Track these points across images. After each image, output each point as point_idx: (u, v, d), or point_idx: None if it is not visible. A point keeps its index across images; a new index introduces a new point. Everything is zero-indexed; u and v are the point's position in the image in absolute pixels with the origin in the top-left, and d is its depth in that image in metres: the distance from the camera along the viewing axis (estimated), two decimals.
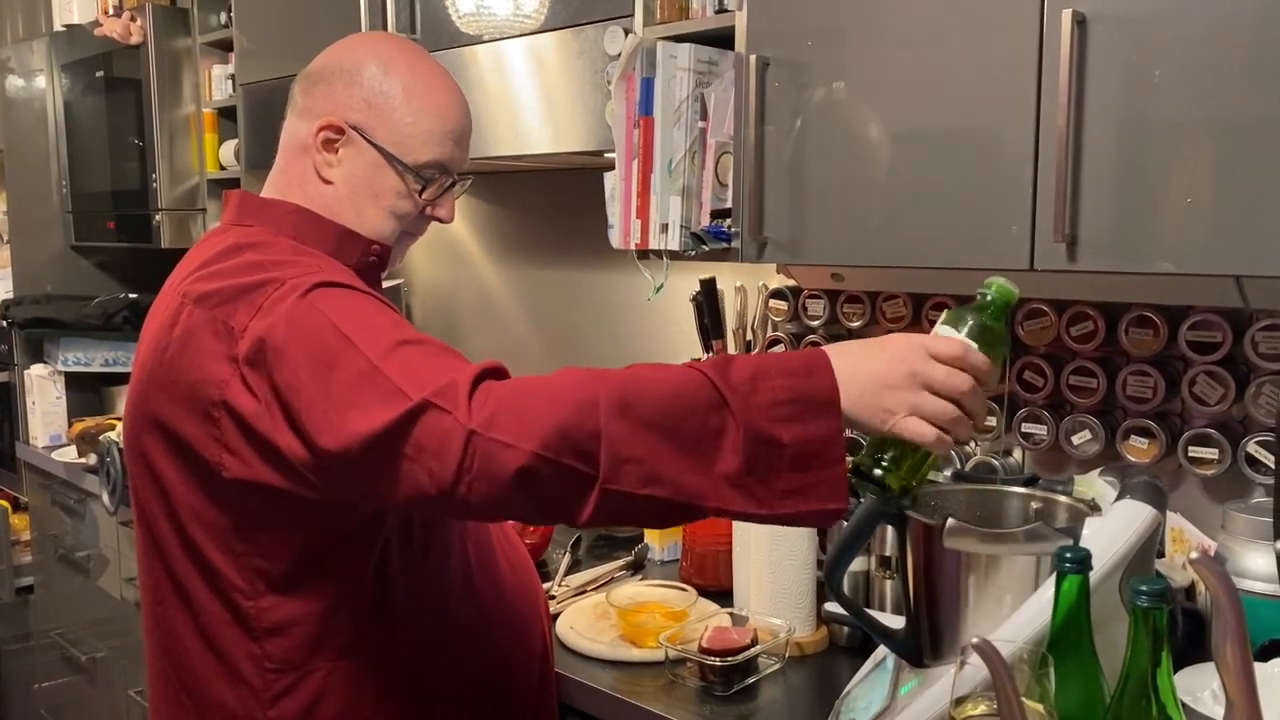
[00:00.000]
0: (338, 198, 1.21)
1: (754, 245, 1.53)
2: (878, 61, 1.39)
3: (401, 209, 1.23)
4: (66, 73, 3.19)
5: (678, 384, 0.91)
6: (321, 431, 0.98)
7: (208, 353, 1.07)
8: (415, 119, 1.21)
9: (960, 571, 1.11)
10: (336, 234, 1.21)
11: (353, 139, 1.20)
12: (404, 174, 1.21)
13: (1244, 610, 0.82)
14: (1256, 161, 1.11)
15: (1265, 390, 1.43)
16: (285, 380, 1.01)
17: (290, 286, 1.06)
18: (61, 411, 3.10)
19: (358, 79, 1.21)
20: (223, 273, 1.11)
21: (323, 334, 1.01)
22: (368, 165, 1.21)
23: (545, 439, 0.90)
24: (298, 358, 1.01)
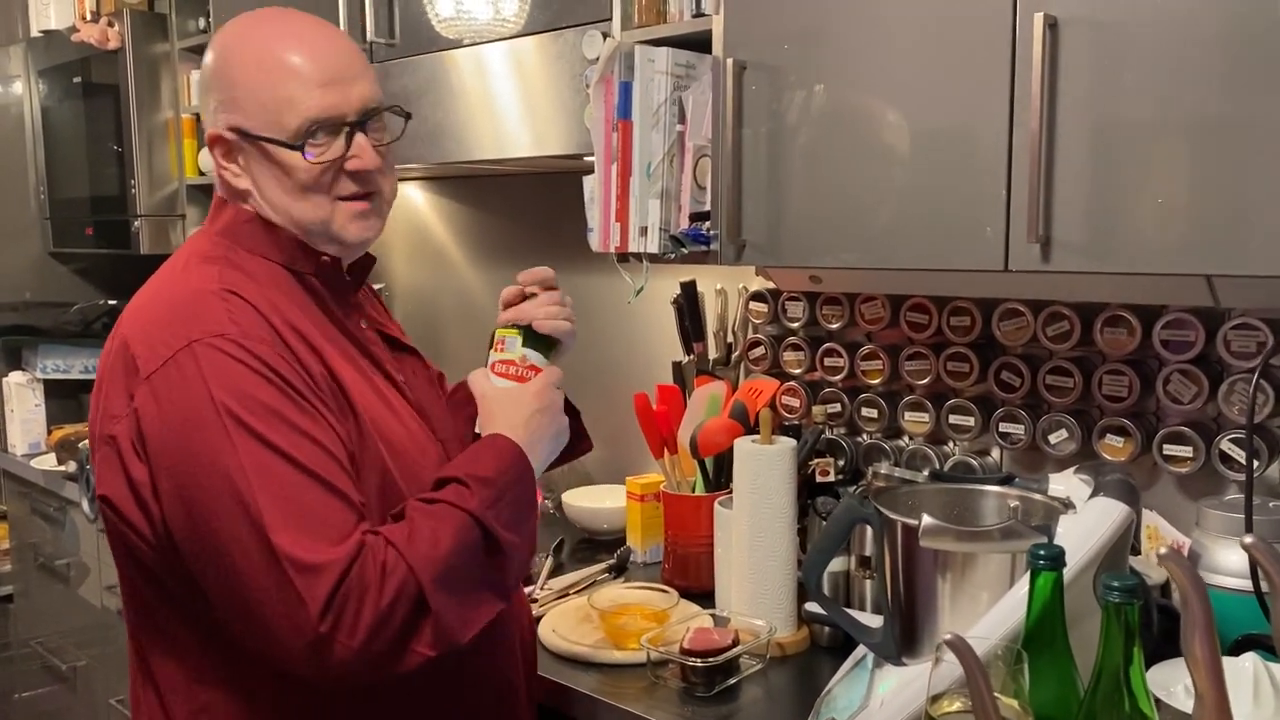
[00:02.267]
0: (264, 204, 1.19)
1: (732, 248, 1.54)
2: (853, 65, 1.40)
3: (307, 181, 1.16)
4: (44, 78, 3.17)
5: (458, 532, 1.08)
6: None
7: (115, 381, 1.09)
8: (273, 91, 1.14)
9: (937, 570, 1.12)
10: (289, 243, 1.19)
11: (238, 143, 1.17)
12: (289, 150, 1.14)
13: (1211, 605, 0.83)
14: (1226, 162, 1.13)
15: (1238, 389, 1.45)
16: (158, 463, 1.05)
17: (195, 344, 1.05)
18: (40, 419, 3.08)
19: (214, 82, 1.18)
20: (149, 308, 1.13)
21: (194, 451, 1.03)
22: (262, 159, 1.16)
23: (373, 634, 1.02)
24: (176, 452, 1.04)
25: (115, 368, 1.09)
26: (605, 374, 2.28)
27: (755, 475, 1.52)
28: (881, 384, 1.79)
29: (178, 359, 1.04)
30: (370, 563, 1.02)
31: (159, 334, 1.07)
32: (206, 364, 1.04)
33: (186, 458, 1.03)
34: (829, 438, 1.86)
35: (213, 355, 1.04)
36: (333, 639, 1.00)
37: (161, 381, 1.04)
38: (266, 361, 1.06)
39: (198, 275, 1.14)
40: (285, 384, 1.06)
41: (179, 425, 1.03)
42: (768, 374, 1.93)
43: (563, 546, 1.97)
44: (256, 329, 1.08)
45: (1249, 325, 1.43)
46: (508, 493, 1.13)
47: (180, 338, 1.05)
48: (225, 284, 1.12)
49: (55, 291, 3.22)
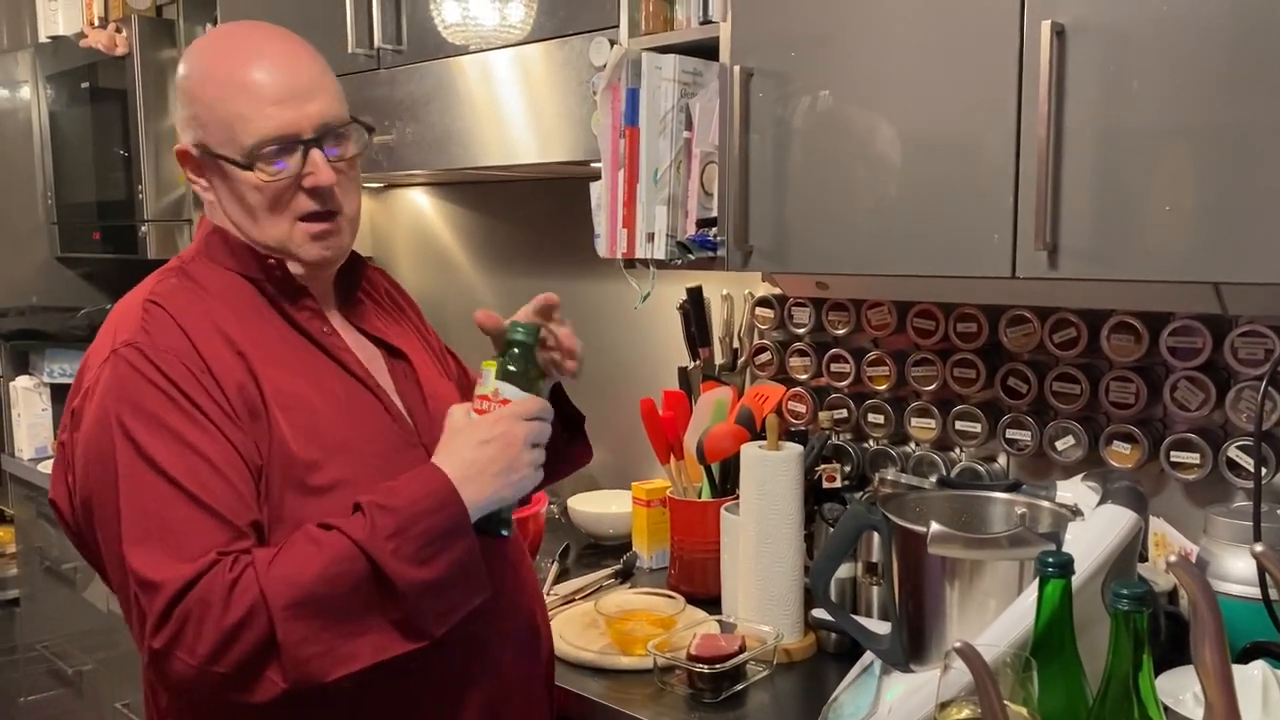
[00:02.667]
0: (230, 218, 1.19)
1: (739, 254, 1.54)
2: (860, 72, 1.40)
3: (261, 201, 1.15)
4: (52, 84, 3.19)
5: (332, 562, 1.02)
6: None
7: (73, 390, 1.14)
8: (226, 107, 1.13)
9: (944, 577, 1.12)
10: (244, 252, 1.19)
11: (203, 160, 1.17)
12: (244, 169, 1.14)
13: (1221, 612, 0.83)
14: (1233, 169, 1.13)
15: (1245, 395, 1.45)
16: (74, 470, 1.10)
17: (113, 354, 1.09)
18: (47, 423, 3.09)
19: (181, 97, 1.18)
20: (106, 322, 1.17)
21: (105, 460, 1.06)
22: (223, 175, 1.16)
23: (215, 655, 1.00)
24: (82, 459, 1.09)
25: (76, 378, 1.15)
26: (611, 379, 2.28)
27: (762, 481, 1.52)
28: (888, 390, 1.79)
29: (100, 370, 1.09)
30: (218, 581, 1.00)
31: (97, 345, 1.13)
32: (112, 373, 1.08)
33: (86, 466, 1.07)
34: (835, 444, 1.86)
35: (119, 365, 1.08)
36: (169, 654, 1.00)
37: (88, 392, 1.10)
38: (165, 371, 1.06)
39: (144, 285, 1.18)
40: (181, 394, 1.06)
41: (87, 434, 1.08)
42: (774, 380, 1.93)
43: (568, 552, 1.98)
44: (166, 339, 1.09)
45: (1257, 332, 1.43)
46: (416, 525, 1.04)
47: (106, 349, 1.10)
48: (153, 294, 1.14)
49: (62, 296, 3.23)
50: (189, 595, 1.00)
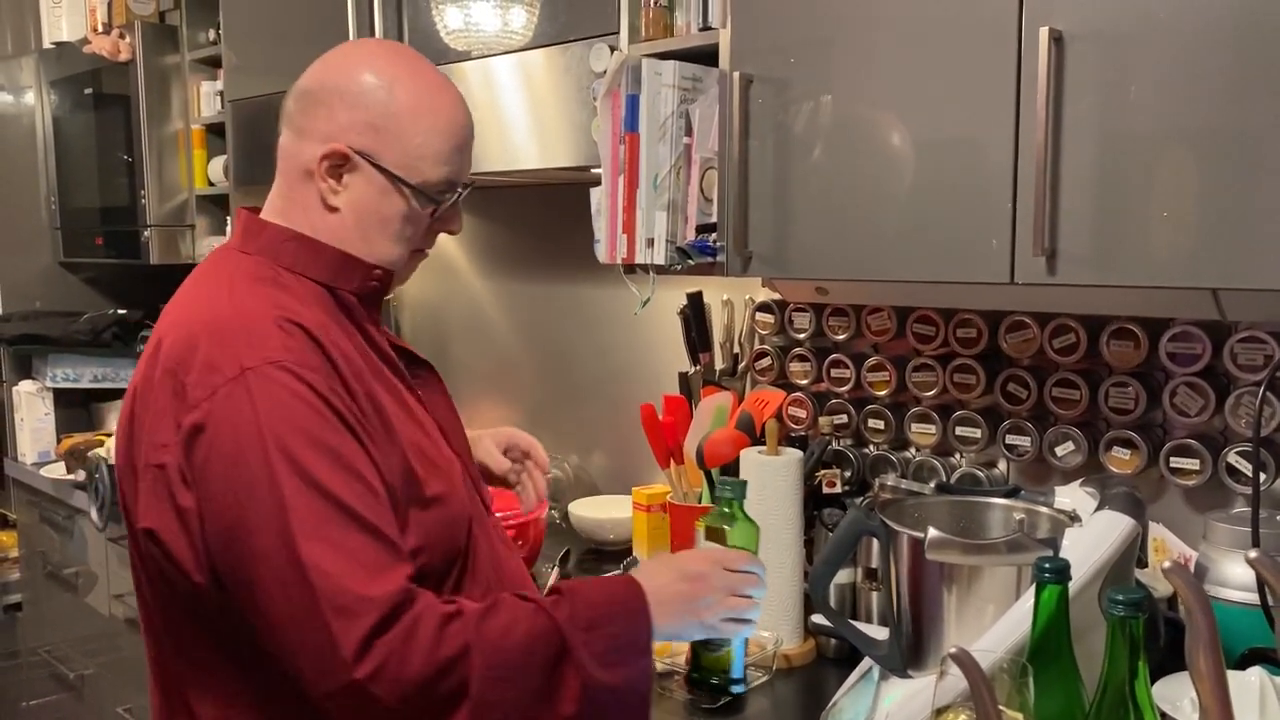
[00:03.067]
0: (344, 225, 1.17)
1: (739, 259, 1.54)
2: (859, 78, 1.41)
3: (409, 232, 1.18)
4: (56, 89, 3.20)
5: (533, 636, 1.03)
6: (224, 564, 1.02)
7: (162, 408, 1.05)
8: (424, 139, 1.15)
9: (943, 582, 1.12)
10: (333, 260, 1.17)
11: (358, 164, 1.14)
12: (413, 197, 1.16)
13: (1216, 618, 0.83)
14: (1231, 175, 1.13)
15: (1245, 401, 1.45)
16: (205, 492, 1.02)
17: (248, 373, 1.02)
18: (50, 428, 3.10)
19: (360, 100, 1.14)
20: (202, 334, 1.07)
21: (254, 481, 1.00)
22: (375, 191, 1.15)
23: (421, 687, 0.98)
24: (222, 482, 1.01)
25: (160, 394, 1.05)
26: (612, 385, 2.29)
27: (762, 486, 1.52)
28: (888, 395, 1.79)
29: (230, 388, 1.02)
30: (429, 614, 0.98)
31: (210, 360, 1.04)
32: (259, 393, 1.01)
33: (233, 489, 1.00)
34: (835, 449, 1.86)
35: (265, 385, 1.01)
36: (373, 682, 0.95)
37: (213, 410, 1.01)
38: (319, 392, 1.03)
39: (249, 298, 1.11)
40: (336, 416, 1.04)
41: (228, 456, 1.01)
42: (774, 385, 1.93)
43: (569, 557, 1.98)
44: (309, 357, 1.06)
45: (1256, 338, 1.43)
46: (609, 625, 1.06)
47: (233, 365, 1.02)
48: (280, 309, 1.09)
49: (65, 301, 3.24)
50: (395, 625, 0.97)
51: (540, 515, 1.91)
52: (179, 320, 1.11)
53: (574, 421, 2.40)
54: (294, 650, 0.98)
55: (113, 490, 2.51)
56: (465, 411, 1.43)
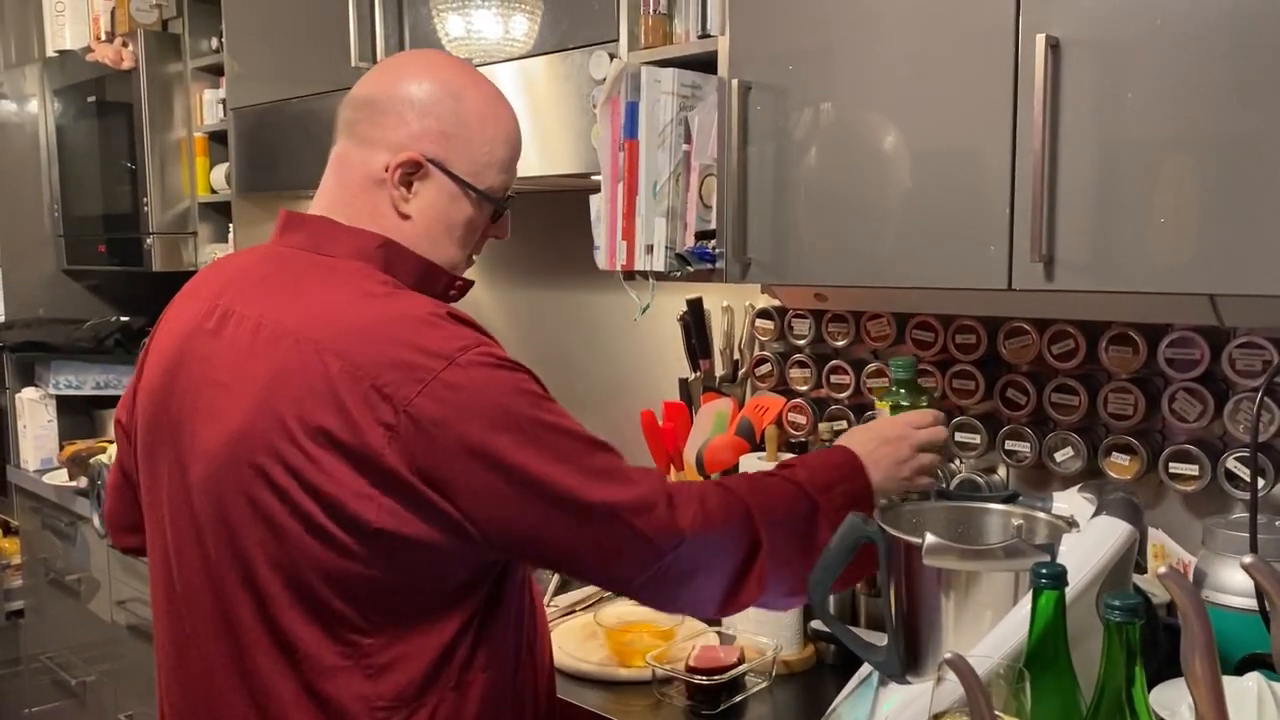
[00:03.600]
0: (415, 232, 1.19)
1: (738, 266, 1.55)
2: (857, 86, 1.41)
3: (472, 237, 1.24)
4: (59, 98, 3.21)
5: (785, 500, 1.20)
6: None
7: (366, 418, 1.03)
8: (490, 147, 1.20)
9: (940, 588, 1.12)
10: (420, 267, 1.19)
11: (430, 172, 1.18)
12: (480, 202, 1.21)
13: (1211, 623, 0.83)
14: (1228, 181, 1.13)
15: (1243, 407, 1.45)
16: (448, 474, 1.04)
17: (458, 361, 1.06)
18: (53, 435, 3.10)
19: (431, 109, 1.17)
20: (378, 331, 1.07)
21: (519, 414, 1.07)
22: (445, 197, 1.19)
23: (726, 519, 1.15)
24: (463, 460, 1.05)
25: (350, 400, 1.04)
26: (612, 391, 2.29)
27: None
28: None
29: (444, 376, 1.04)
30: (700, 485, 1.15)
31: (406, 359, 1.05)
32: (476, 374, 1.06)
33: (486, 460, 1.04)
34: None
35: (482, 369, 1.07)
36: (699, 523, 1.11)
37: (432, 397, 1.03)
38: (515, 363, 1.11)
39: (395, 298, 1.13)
40: (539, 384, 1.12)
41: (471, 430, 1.04)
42: (774, 391, 1.93)
43: None
44: (485, 338, 1.12)
45: (1254, 344, 1.44)
46: (838, 486, 1.23)
47: (436, 358, 1.05)
48: (432, 305, 1.13)
49: (68, 308, 3.25)
50: (681, 489, 1.13)
51: None
52: (320, 323, 1.08)
53: None
54: (608, 564, 1.11)
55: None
56: None
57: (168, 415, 1.17)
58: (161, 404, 1.18)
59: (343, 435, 1.03)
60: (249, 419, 1.07)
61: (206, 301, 1.19)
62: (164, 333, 1.24)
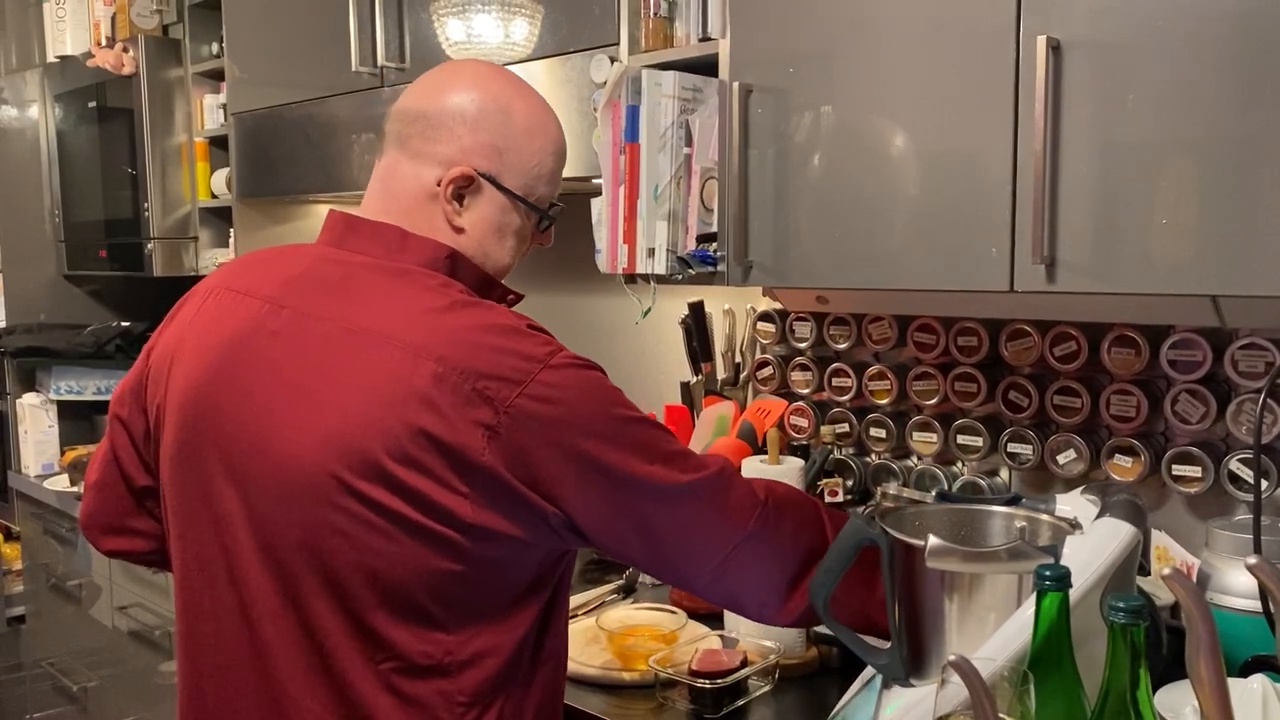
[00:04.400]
0: (469, 244, 1.20)
1: (739, 269, 1.55)
2: (859, 88, 1.41)
3: (521, 248, 1.26)
4: (60, 103, 3.21)
5: None
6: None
7: (465, 419, 1.04)
8: (539, 160, 1.22)
9: (943, 590, 1.12)
10: (479, 279, 1.22)
11: (482, 186, 1.19)
12: (531, 214, 1.23)
13: (1216, 625, 0.83)
14: (1231, 182, 1.13)
15: (1246, 408, 1.45)
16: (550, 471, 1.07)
17: (550, 364, 1.08)
18: (54, 440, 3.10)
19: (482, 123, 1.18)
20: (472, 337, 1.08)
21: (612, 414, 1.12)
22: (497, 209, 1.20)
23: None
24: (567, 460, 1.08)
25: (448, 402, 1.05)
26: None
27: None
28: (889, 404, 1.79)
29: (540, 378, 1.07)
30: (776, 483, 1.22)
31: (506, 363, 1.06)
32: (568, 375, 1.09)
33: (582, 456, 1.08)
34: (837, 458, 1.86)
35: (566, 368, 1.09)
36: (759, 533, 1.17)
37: (531, 397, 1.06)
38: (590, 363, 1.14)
39: (478, 306, 1.14)
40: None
41: (567, 429, 1.07)
42: (776, 394, 1.93)
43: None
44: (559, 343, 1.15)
45: (1257, 345, 1.43)
46: None
47: (532, 362, 1.07)
48: (516, 315, 1.15)
49: (69, 313, 3.25)
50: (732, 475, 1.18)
51: None
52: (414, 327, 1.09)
53: None
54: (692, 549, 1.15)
55: None
56: None
57: (220, 415, 1.13)
58: (211, 404, 1.14)
59: (443, 436, 1.04)
60: (343, 423, 1.06)
61: (263, 302, 1.16)
62: (201, 331, 1.19)
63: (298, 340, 1.11)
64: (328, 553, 1.07)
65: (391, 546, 1.06)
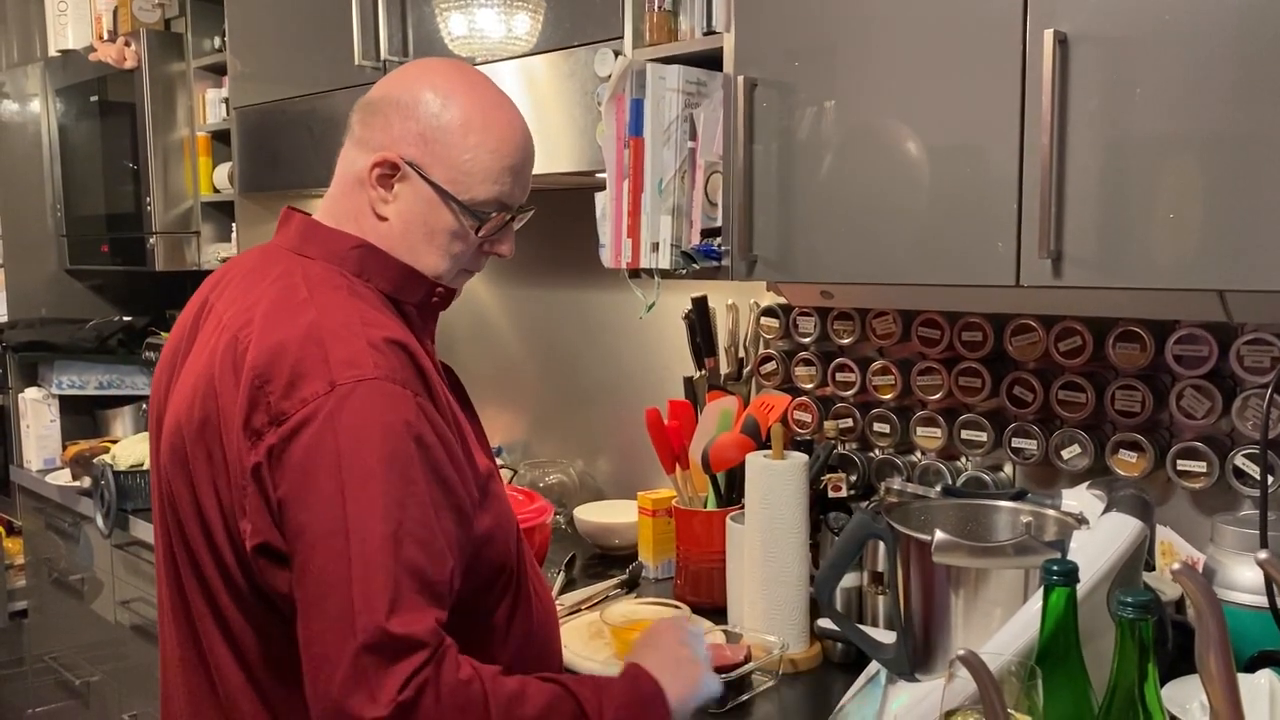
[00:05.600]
0: (393, 234, 1.18)
1: (743, 263, 1.54)
2: (864, 82, 1.41)
3: (456, 248, 1.19)
4: (61, 97, 3.21)
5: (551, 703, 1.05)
6: None
7: (242, 419, 1.04)
8: (473, 155, 1.16)
9: (950, 585, 1.12)
10: (400, 272, 1.18)
11: (408, 175, 1.16)
12: (460, 213, 1.17)
13: (1226, 620, 0.83)
14: (1237, 177, 1.13)
15: (1252, 404, 1.44)
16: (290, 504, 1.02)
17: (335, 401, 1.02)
18: (56, 435, 3.10)
19: (414, 111, 1.16)
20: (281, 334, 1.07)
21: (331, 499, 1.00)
22: (423, 203, 1.17)
23: None
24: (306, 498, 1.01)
25: (242, 402, 1.05)
26: (617, 389, 2.29)
27: (767, 491, 1.52)
28: (893, 399, 1.79)
29: (322, 402, 1.02)
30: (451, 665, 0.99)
31: (299, 374, 1.03)
32: (349, 411, 1.01)
33: (309, 500, 1.01)
34: (841, 453, 1.86)
35: (356, 402, 1.02)
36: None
37: (300, 424, 1.02)
38: (408, 414, 1.04)
39: (334, 308, 1.10)
40: (420, 439, 1.04)
41: (308, 470, 1.01)
42: (780, 389, 1.93)
43: (574, 562, 1.97)
44: (404, 373, 1.06)
45: (1262, 340, 1.43)
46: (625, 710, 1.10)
47: (324, 380, 1.02)
48: (367, 323, 1.09)
49: (71, 308, 3.25)
50: (426, 666, 0.97)
51: (546, 520, 1.91)
52: (258, 324, 1.09)
53: (579, 426, 2.39)
54: (314, 656, 0.98)
55: (117, 497, 2.51)
56: None
57: (156, 412, 1.23)
58: (158, 403, 1.23)
59: (224, 426, 1.06)
60: (181, 411, 1.12)
61: (199, 298, 1.23)
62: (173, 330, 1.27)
63: (199, 334, 1.19)
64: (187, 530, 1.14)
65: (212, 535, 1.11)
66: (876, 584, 1.55)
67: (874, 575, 1.55)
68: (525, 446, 2.52)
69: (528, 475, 2.32)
